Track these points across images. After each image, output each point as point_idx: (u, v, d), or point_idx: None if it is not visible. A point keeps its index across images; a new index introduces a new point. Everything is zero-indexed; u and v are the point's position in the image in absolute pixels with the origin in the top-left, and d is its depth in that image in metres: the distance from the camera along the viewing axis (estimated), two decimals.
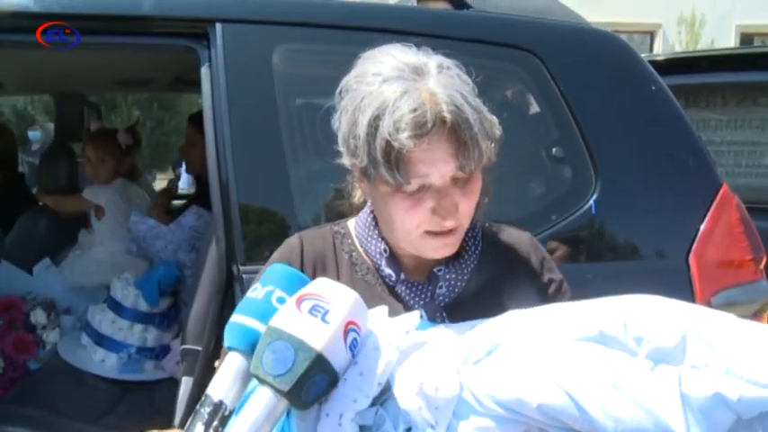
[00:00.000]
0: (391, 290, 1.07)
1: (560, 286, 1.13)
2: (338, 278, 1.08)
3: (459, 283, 1.07)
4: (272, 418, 0.76)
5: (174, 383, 2.14)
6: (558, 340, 0.80)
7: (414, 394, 0.78)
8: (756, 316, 1.72)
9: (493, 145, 0.97)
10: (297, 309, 0.78)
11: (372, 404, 0.80)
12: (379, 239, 1.08)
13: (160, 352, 2.40)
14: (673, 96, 1.79)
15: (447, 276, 1.06)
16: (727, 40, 12.34)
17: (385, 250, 1.07)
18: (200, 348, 1.65)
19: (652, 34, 13.01)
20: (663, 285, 1.70)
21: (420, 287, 1.07)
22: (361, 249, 1.11)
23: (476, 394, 0.79)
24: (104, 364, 2.37)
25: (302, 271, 1.07)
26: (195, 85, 2.75)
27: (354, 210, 1.15)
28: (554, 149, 1.70)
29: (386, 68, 0.96)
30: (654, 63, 2.05)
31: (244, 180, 1.55)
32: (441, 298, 1.06)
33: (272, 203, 1.59)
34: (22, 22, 1.59)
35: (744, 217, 1.72)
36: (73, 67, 2.71)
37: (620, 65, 1.80)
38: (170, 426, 1.65)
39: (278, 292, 0.84)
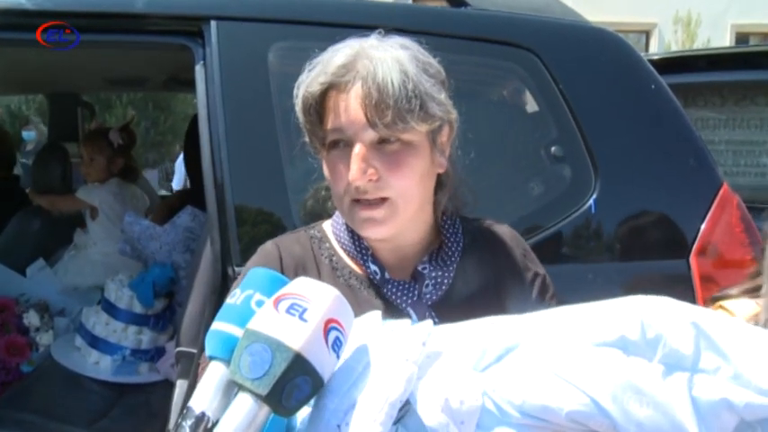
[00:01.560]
0: (377, 292, 1.05)
1: (544, 280, 1.12)
2: None
3: (445, 281, 1.05)
4: (253, 425, 0.73)
5: (169, 386, 2.12)
6: (577, 345, 0.79)
7: (439, 411, 0.76)
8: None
9: (419, 114, 0.94)
10: (274, 309, 0.75)
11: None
12: (357, 235, 1.06)
13: (155, 354, 2.38)
14: (672, 95, 1.77)
15: (433, 274, 1.05)
16: (722, 40, 12.37)
17: (367, 248, 1.06)
18: (194, 351, 1.62)
19: (648, 33, 13.03)
20: (664, 285, 1.71)
21: (406, 286, 1.04)
22: (341, 252, 1.09)
23: (498, 403, 0.78)
24: (98, 366, 2.35)
25: None
26: (190, 84, 2.73)
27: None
28: (553, 148, 1.68)
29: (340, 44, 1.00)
30: (651, 62, 2.03)
31: (239, 180, 1.52)
32: (428, 296, 1.04)
33: (268, 204, 1.57)
34: (14, 20, 1.56)
35: (744, 216, 1.71)
36: (66, 66, 2.68)
37: (620, 63, 1.78)
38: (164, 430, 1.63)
39: (257, 296, 0.81)
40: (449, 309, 1.02)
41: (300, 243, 1.10)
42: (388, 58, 0.94)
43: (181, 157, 8.80)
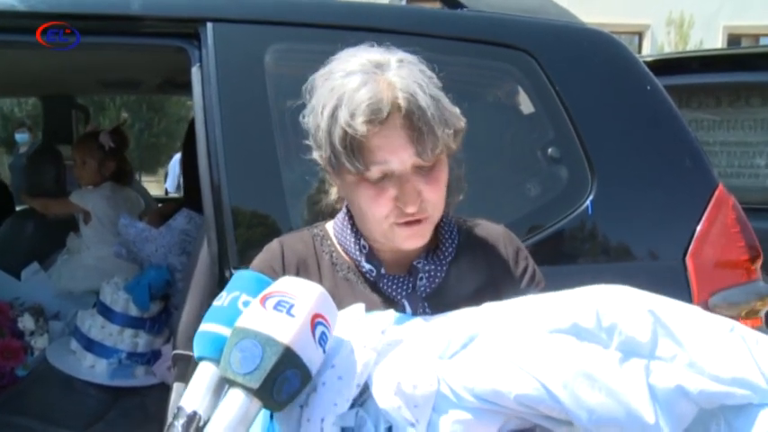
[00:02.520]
0: (373, 285, 1.09)
1: (534, 275, 1.16)
2: (320, 279, 1.10)
3: (439, 274, 1.10)
4: (246, 420, 0.75)
5: (165, 389, 2.11)
6: (532, 332, 0.82)
7: (392, 394, 0.79)
8: (753, 317, 1.72)
9: (452, 132, 1.00)
10: (262, 307, 0.78)
11: (352, 405, 0.80)
12: (358, 237, 1.11)
13: (151, 357, 2.37)
14: (668, 96, 1.78)
15: (427, 268, 1.09)
16: (714, 41, 12.44)
17: (364, 246, 1.10)
18: (191, 353, 1.62)
19: (640, 35, 13.08)
20: (660, 286, 1.69)
21: (401, 280, 1.09)
22: (340, 249, 1.14)
23: (453, 388, 0.81)
24: (94, 369, 2.34)
25: (285, 274, 1.08)
26: (185, 87, 2.71)
27: (331, 207, 1.19)
28: (550, 150, 1.69)
29: (350, 65, 1.01)
30: (646, 64, 2.04)
31: (236, 182, 1.52)
32: (422, 289, 1.09)
33: (265, 206, 1.57)
34: (8, 22, 1.56)
35: (740, 217, 1.72)
36: (61, 69, 2.67)
37: (615, 64, 1.79)
38: None
39: (243, 297, 0.84)
40: (442, 301, 1.06)
41: (303, 241, 1.15)
42: (412, 85, 0.97)
43: (174, 158, 8.80)
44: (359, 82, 0.98)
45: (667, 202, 1.73)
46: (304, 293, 0.79)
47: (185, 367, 1.63)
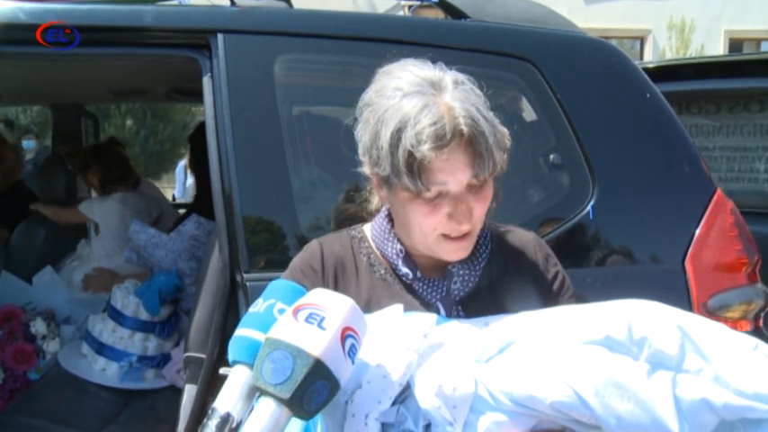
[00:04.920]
0: (408, 287, 1.13)
1: (564, 281, 1.20)
2: (357, 279, 1.14)
3: (472, 278, 1.13)
4: (276, 428, 0.77)
5: (174, 392, 2.15)
6: (567, 342, 0.85)
7: (433, 395, 0.83)
8: (749, 319, 1.74)
9: (505, 155, 1.05)
10: (294, 318, 0.80)
11: (393, 403, 0.83)
12: (395, 241, 1.14)
13: (161, 360, 2.40)
14: (667, 103, 1.81)
15: (461, 272, 1.13)
16: (716, 45, 12.46)
17: (401, 251, 1.13)
18: (203, 356, 1.65)
19: (642, 40, 13.11)
20: (660, 289, 1.74)
21: (436, 283, 1.13)
22: (377, 251, 1.17)
23: (491, 391, 0.84)
24: (105, 373, 2.37)
25: (323, 273, 1.13)
26: (190, 94, 2.75)
27: (370, 215, 1.23)
28: (552, 156, 1.72)
29: (404, 83, 1.02)
30: (647, 71, 2.07)
31: (247, 189, 1.56)
32: (456, 293, 1.12)
33: (275, 212, 1.60)
34: (21, 34, 1.59)
35: (738, 221, 1.75)
36: (72, 78, 2.71)
37: (616, 73, 1.82)
38: None
39: (279, 305, 0.86)
40: (475, 304, 1.11)
41: (341, 242, 1.19)
42: (471, 109, 1.00)
43: (180, 164, 8.83)
44: (420, 105, 0.99)
45: (667, 207, 1.76)
46: (335, 306, 0.81)
47: (197, 369, 1.66)
